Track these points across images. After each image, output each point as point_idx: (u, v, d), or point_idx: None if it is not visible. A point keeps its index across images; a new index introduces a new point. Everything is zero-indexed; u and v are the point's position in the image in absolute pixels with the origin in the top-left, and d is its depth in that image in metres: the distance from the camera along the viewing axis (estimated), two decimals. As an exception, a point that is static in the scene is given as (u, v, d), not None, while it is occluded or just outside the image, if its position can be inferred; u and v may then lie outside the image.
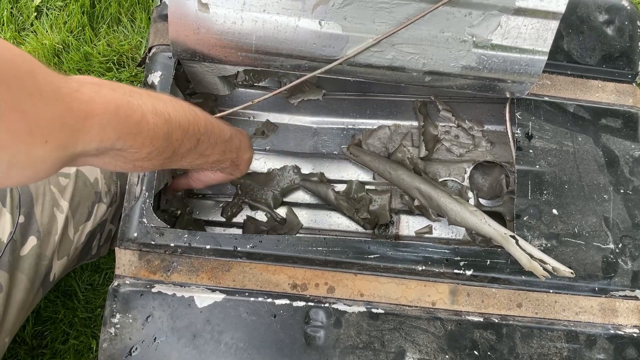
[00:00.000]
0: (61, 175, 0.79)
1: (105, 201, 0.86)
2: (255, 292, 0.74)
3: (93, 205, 0.83)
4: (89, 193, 0.82)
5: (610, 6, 0.87)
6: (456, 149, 0.98)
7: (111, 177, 0.88)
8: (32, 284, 0.73)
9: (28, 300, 0.74)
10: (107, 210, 0.88)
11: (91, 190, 0.83)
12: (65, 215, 0.77)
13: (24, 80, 0.38)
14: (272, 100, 0.96)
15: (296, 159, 0.99)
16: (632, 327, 0.76)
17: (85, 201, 0.82)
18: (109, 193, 0.87)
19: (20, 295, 0.72)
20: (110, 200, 0.88)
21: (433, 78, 0.76)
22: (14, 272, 0.70)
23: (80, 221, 0.81)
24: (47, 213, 0.75)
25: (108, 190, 0.87)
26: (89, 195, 0.82)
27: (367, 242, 0.76)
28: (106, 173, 0.87)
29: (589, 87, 0.86)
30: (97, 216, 0.84)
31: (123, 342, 0.70)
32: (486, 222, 0.77)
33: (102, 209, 0.86)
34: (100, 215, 0.85)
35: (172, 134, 0.56)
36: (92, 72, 1.28)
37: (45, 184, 0.75)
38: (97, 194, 0.84)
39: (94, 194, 0.83)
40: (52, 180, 0.77)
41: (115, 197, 0.89)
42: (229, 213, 0.96)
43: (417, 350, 0.72)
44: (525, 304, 0.76)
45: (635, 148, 0.83)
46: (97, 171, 0.85)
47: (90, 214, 0.83)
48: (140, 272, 0.74)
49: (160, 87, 0.80)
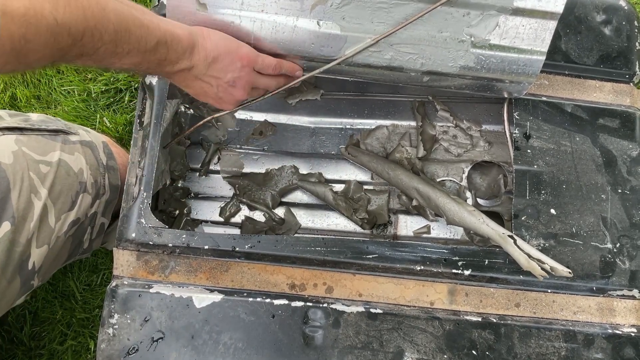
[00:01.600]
0: (42, 163, 0.78)
1: (90, 192, 0.85)
2: (254, 293, 0.74)
3: (77, 195, 0.82)
4: (72, 182, 0.82)
5: (608, 6, 0.87)
6: (454, 149, 0.98)
7: (98, 169, 0.88)
8: (3, 269, 0.72)
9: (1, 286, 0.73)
10: (96, 203, 0.87)
11: (75, 180, 0.82)
12: (43, 203, 0.76)
13: None
14: (270, 101, 0.96)
15: (294, 159, 0.99)
16: (630, 326, 0.76)
17: (69, 190, 0.81)
18: (95, 184, 0.87)
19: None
20: (96, 191, 0.87)
21: (431, 78, 0.76)
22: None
23: (62, 210, 0.80)
24: (23, 199, 0.74)
25: (94, 181, 0.86)
26: (73, 185, 0.82)
27: (365, 242, 0.76)
28: (92, 164, 0.87)
29: (587, 87, 0.86)
30: (82, 206, 0.84)
31: (121, 342, 0.70)
32: (484, 222, 0.78)
33: (87, 199, 0.85)
34: (85, 205, 0.84)
35: (49, 39, 0.49)
36: (90, 72, 1.28)
37: (24, 170, 0.75)
38: (82, 184, 0.83)
39: (78, 183, 0.83)
40: (32, 167, 0.76)
41: (103, 189, 0.89)
42: (227, 213, 0.96)
43: (416, 350, 0.72)
44: (523, 304, 0.76)
45: (632, 148, 0.83)
46: (83, 162, 0.85)
47: (74, 203, 0.82)
48: (139, 273, 0.74)
49: (159, 87, 0.80)
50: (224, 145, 0.99)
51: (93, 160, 0.87)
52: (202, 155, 0.98)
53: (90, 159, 0.87)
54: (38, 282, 0.81)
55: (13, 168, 0.73)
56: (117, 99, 1.26)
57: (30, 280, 0.78)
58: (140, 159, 0.78)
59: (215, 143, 0.98)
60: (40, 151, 0.78)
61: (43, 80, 1.27)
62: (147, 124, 0.80)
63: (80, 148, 0.86)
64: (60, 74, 1.27)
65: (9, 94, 1.26)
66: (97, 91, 1.24)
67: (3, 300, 0.75)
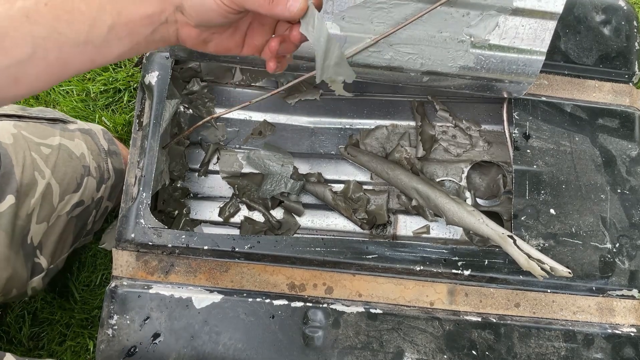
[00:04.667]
0: (43, 145, 0.79)
1: (95, 176, 0.86)
2: (254, 293, 0.73)
3: (82, 177, 0.84)
4: (76, 165, 0.83)
5: (607, 6, 0.87)
6: (454, 149, 0.98)
7: (100, 155, 0.89)
8: (11, 240, 0.74)
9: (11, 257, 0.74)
10: (102, 188, 0.88)
11: (78, 163, 0.83)
12: (47, 182, 0.77)
13: None
14: (270, 101, 0.96)
15: (294, 159, 0.99)
16: (630, 326, 0.77)
17: (73, 172, 0.82)
18: (99, 169, 0.88)
19: (1, 248, 0.72)
20: (100, 176, 0.88)
21: (431, 78, 0.76)
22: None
23: (67, 191, 0.81)
24: (27, 175, 0.75)
25: (97, 166, 0.88)
26: (77, 167, 0.83)
27: (365, 242, 0.76)
28: (93, 150, 0.88)
29: (586, 87, 0.86)
30: (87, 189, 0.85)
31: (121, 343, 0.70)
32: (484, 222, 0.78)
33: (93, 183, 0.86)
34: (91, 189, 0.86)
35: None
36: (89, 72, 1.28)
37: (25, 150, 0.76)
38: (86, 168, 0.85)
39: (82, 167, 0.84)
40: (33, 148, 0.77)
41: (107, 173, 0.90)
42: (227, 214, 0.96)
43: (416, 350, 0.72)
44: (523, 304, 0.76)
45: (632, 148, 0.83)
46: (84, 146, 0.86)
47: (79, 185, 0.83)
48: (138, 273, 0.73)
49: (158, 87, 0.80)
50: (223, 145, 0.99)
51: (94, 146, 0.88)
52: (202, 155, 0.98)
53: (90, 145, 0.88)
54: (47, 263, 0.82)
55: (14, 148, 0.74)
56: (116, 99, 1.26)
57: (33, 256, 0.79)
58: (140, 159, 0.78)
59: (214, 143, 0.98)
60: (39, 135, 0.80)
61: (42, 80, 1.27)
62: (146, 124, 0.79)
63: (80, 135, 0.87)
64: (59, 74, 1.27)
65: (7, 94, 1.26)
66: (96, 91, 1.24)
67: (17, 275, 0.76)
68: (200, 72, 0.95)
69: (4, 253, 0.73)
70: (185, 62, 0.92)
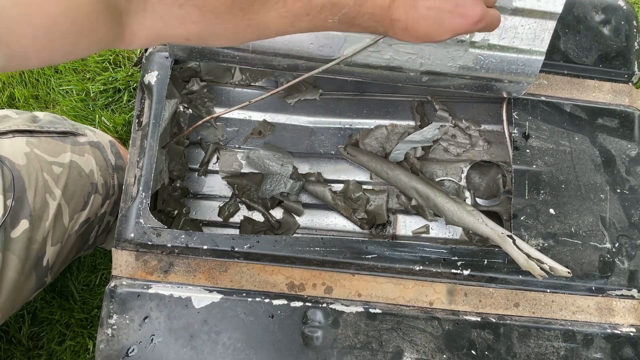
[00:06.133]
0: (55, 164, 0.79)
1: (101, 193, 0.87)
2: (253, 293, 0.73)
3: (89, 195, 0.84)
4: (85, 183, 0.83)
5: (607, 6, 0.87)
6: (453, 148, 0.98)
7: (107, 170, 0.89)
8: (23, 265, 0.74)
9: (20, 282, 0.75)
10: (106, 203, 0.89)
11: (87, 181, 0.83)
12: (57, 203, 0.78)
13: None
14: (269, 100, 0.96)
15: (293, 159, 0.99)
16: (629, 326, 0.77)
17: (81, 191, 0.82)
18: (105, 185, 0.88)
19: (12, 274, 0.73)
20: (106, 192, 0.88)
21: (430, 78, 0.76)
22: (5, 253, 0.71)
23: (75, 210, 0.82)
24: (39, 199, 0.75)
25: (104, 182, 0.88)
26: (85, 186, 0.83)
27: (364, 242, 0.76)
28: (102, 165, 0.88)
29: (586, 87, 0.86)
30: (93, 207, 0.85)
31: (120, 343, 0.70)
32: (483, 222, 0.78)
33: (98, 200, 0.86)
34: (96, 206, 0.86)
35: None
36: (89, 72, 1.28)
37: (38, 171, 0.76)
38: (93, 185, 0.85)
39: (90, 184, 0.84)
40: (45, 168, 0.78)
41: (112, 189, 0.90)
42: (226, 213, 0.96)
43: (415, 350, 0.72)
44: (522, 304, 0.76)
45: (631, 147, 0.83)
46: (93, 163, 0.86)
47: (86, 203, 0.83)
48: (137, 273, 0.73)
49: (157, 87, 0.80)
50: (222, 145, 0.99)
51: (102, 161, 0.89)
52: (201, 155, 0.98)
53: (99, 160, 0.88)
54: (50, 279, 0.83)
55: (27, 169, 0.75)
56: (116, 99, 1.26)
57: (44, 277, 0.81)
58: (139, 158, 0.78)
59: (214, 143, 0.98)
60: (51, 152, 0.80)
61: (41, 80, 1.27)
62: (146, 124, 0.79)
63: (90, 149, 0.87)
64: (59, 74, 1.27)
65: (7, 93, 1.26)
66: (96, 91, 1.24)
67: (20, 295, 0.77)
68: (200, 71, 0.95)
69: (14, 279, 0.73)
70: (184, 61, 0.92)
